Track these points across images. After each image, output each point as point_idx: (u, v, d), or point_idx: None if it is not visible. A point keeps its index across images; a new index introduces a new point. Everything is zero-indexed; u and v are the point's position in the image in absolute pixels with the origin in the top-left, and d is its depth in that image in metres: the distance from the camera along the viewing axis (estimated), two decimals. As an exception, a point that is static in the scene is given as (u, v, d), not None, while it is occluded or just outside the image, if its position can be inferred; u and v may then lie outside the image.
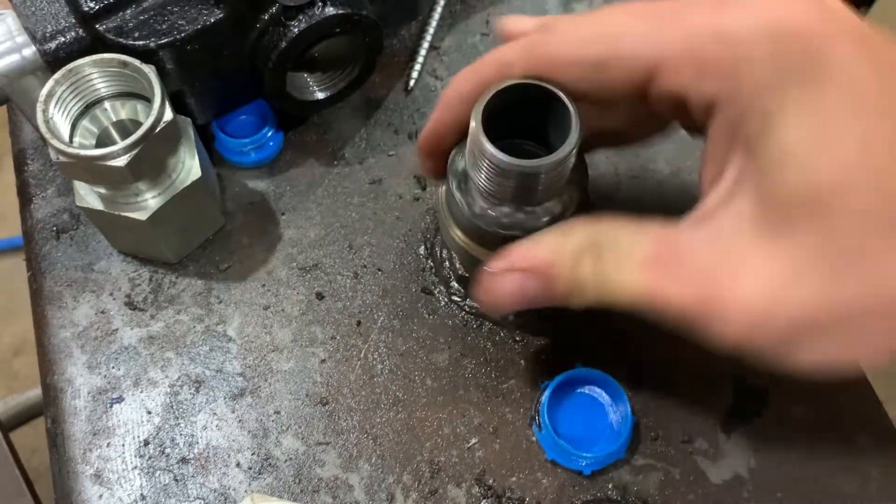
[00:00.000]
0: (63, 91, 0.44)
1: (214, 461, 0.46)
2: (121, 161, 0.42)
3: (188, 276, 0.51)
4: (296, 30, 0.47)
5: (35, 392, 1.11)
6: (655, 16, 0.37)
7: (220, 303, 0.50)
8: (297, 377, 0.48)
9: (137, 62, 0.44)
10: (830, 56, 0.33)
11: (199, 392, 0.48)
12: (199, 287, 0.51)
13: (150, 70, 0.44)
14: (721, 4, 0.35)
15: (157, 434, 0.46)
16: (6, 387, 1.38)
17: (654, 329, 0.48)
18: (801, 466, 0.45)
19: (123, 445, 0.46)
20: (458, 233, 0.44)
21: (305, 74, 0.53)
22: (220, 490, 0.45)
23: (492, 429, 0.47)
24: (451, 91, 0.41)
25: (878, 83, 0.33)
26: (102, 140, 0.47)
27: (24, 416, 1.12)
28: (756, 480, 0.45)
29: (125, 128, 0.47)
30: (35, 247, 0.52)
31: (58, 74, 0.44)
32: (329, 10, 0.47)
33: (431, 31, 0.59)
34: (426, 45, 0.59)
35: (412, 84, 0.58)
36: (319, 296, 0.50)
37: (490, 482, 0.45)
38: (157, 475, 0.45)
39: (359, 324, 0.50)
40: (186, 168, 0.47)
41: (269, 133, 0.54)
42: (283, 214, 0.53)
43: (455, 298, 0.50)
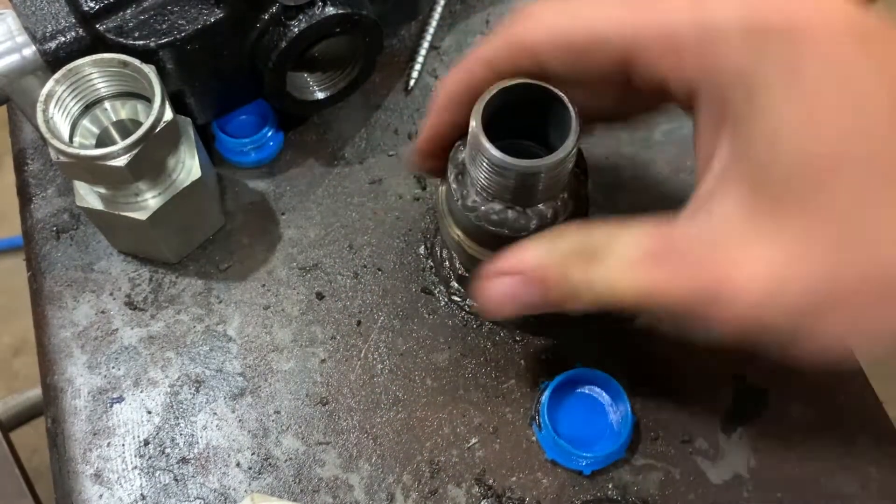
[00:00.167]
0: (63, 91, 0.44)
1: (214, 461, 0.46)
2: (121, 161, 0.42)
3: (188, 276, 0.51)
4: (296, 30, 0.47)
5: (35, 392, 1.10)
6: (631, 0, 0.36)
7: (220, 303, 0.50)
8: (297, 377, 0.48)
9: (137, 62, 0.44)
10: (811, 30, 0.32)
11: (200, 392, 0.48)
12: (199, 287, 0.51)
13: (150, 70, 0.44)
14: None
15: (157, 434, 0.46)
16: (6, 387, 1.38)
17: (655, 328, 0.48)
18: (801, 466, 0.45)
19: (123, 445, 0.46)
20: (458, 232, 0.44)
21: (305, 74, 0.53)
22: (220, 490, 0.45)
23: (492, 429, 0.47)
24: (444, 95, 0.41)
25: (863, 54, 0.32)
26: (102, 140, 0.47)
27: (25, 416, 1.12)
28: (756, 480, 0.45)
29: (125, 128, 0.47)
30: (35, 247, 0.52)
31: (58, 74, 0.44)
32: (329, 10, 0.47)
33: (431, 31, 0.59)
34: (426, 45, 0.59)
35: (412, 84, 0.58)
36: (319, 296, 0.50)
37: (490, 482, 0.45)
38: (157, 475, 0.45)
39: (359, 324, 0.50)
40: (186, 168, 0.47)
41: (269, 133, 0.54)
42: (283, 214, 0.53)
43: (455, 298, 0.50)
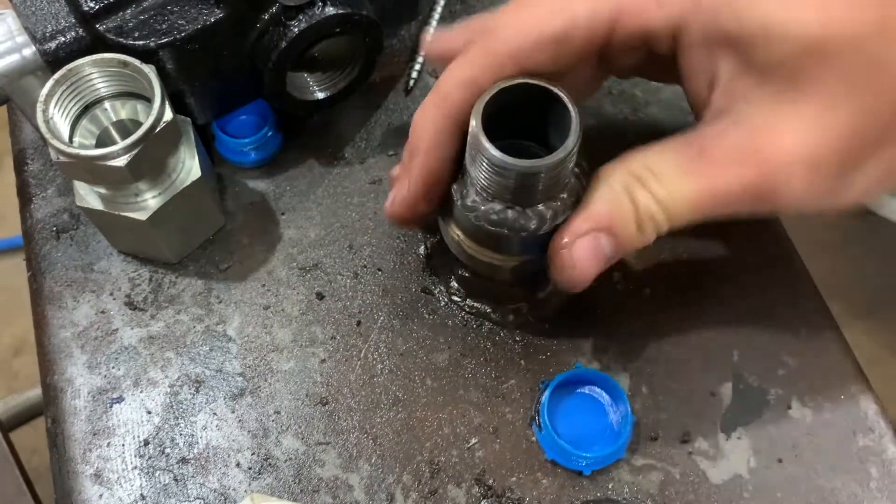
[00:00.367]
0: (63, 91, 0.44)
1: (214, 461, 0.46)
2: (121, 161, 0.42)
3: (188, 276, 0.51)
4: (296, 30, 0.47)
5: (35, 392, 1.11)
6: None
7: (220, 303, 0.50)
8: (297, 377, 0.48)
9: (137, 62, 0.44)
10: None
11: (199, 392, 0.48)
12: (199, 287, 0.51)
13: (150, 70, 0.44)
14: None
15: (157, 434, 0.46)
16: (6, 387, 1.38)
17: (655, 329, 0.48)
18: (801, 466, 0.45)
19: (123, 445, 0.46)
20: (458, 231, 0.44)
21: (305, 74, 0.53)
22: (220, 490, 0.45)
23: (492, 429, 0.46)
24: (432, 131, 0.40)
25: None
26: (102, 140, 0.47)
27: (24, 416, 1.12)
28: (756, 480, 0.45)
29: (125, 128, 0.47)
30: (35, 247, 0.52)
31: (58, 74, 0.44)
32: (329, 10, 0.47)
33: (431, 32, 0.59)
34: (426, 45, 0.59)
35: (412, 84, 0.58)
36: (319, 296, 0.50)
37: (490, 482, 0.45)
38: (157, 475, 0.45)
39: (359, 324, 0.50)
40: (186, 168, 0.47)
41: (269, 133, 0.54)
42: (283, 214, 0.53)
43: (455, 298, 0.50)
